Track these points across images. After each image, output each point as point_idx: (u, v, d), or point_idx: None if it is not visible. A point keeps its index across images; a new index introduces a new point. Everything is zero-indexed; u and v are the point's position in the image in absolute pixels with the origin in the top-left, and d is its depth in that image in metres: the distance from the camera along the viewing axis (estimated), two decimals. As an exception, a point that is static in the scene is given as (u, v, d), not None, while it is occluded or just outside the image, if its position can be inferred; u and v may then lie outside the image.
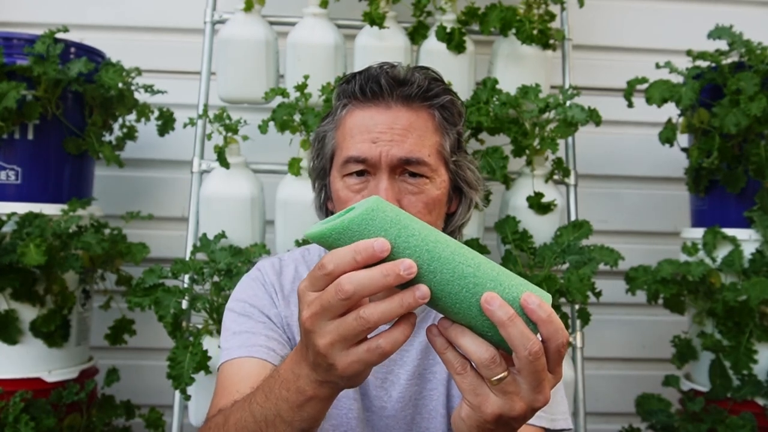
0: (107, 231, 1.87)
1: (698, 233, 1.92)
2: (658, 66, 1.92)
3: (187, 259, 1.81)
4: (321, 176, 1.12)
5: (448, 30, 1.89)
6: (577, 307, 1.80)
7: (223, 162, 1.81)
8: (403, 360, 1.08)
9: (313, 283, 0.67)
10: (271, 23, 1.96)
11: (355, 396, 1.07)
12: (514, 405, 0.68)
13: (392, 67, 1.05)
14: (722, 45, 1.91)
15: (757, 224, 1.83)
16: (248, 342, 1.04)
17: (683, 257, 1.93)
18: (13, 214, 1.73)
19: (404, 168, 1.00)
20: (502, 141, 1.85)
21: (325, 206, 1.14)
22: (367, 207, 0.67)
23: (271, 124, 1.78)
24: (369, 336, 0.68)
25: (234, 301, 1.11)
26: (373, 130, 1.00)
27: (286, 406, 0.75)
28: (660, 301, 1.90)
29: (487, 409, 0.68)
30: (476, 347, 0.67)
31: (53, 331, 1.77)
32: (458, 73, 1.90)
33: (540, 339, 0.67)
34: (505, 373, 0.67)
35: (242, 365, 1.02)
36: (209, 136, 1.86)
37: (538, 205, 1.81)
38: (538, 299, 0.66)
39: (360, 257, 0.65)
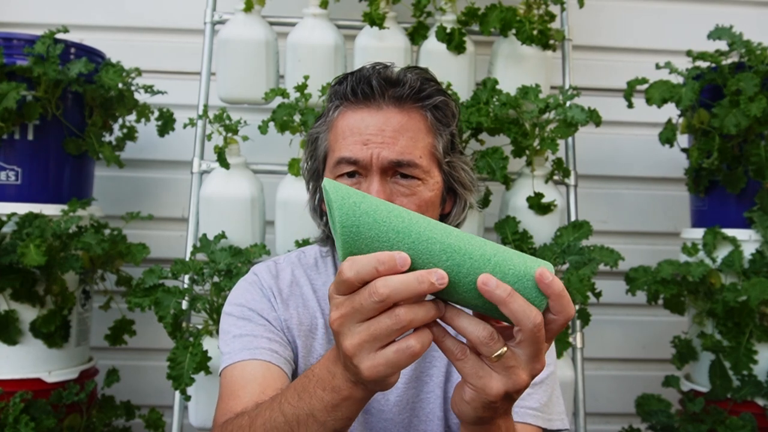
0: (107, 231, 1.87)
1: (698, 233, 1.92)
2: (658, 66, 1.92)
3: (187, 259, 1.81)
4: (315, 178, 1.12)
5: (448, 30, 1.89)
6: (577, 307, 1.80)
7: (223, 162, 1.81)
8: (399, 363, 1.08)
9: (338, 288, 0.68)
10: (271, 23, 1.96)
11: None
12: (517, 379, 0.69)
13: (385, 68, 1.04)
14: (722, 45, 1.91)
15: (757, 224, 1.83)
16: (250, 345, 1.03)
17: (683, 257, 1.93)
18: (13, 214, 1.73)
19: (396, 170, 1.00)
20: (502, 141, 1.85)
21: (320, 208, 1.14)
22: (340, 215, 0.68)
23: (271, 124, 1.78)
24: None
25: (232, 305, 1.11)
26: (365, 132, 1.00)
27: (320, 406, 0.74)
28: (660, 302, 1.90)
29: (492, 390, 0.69)
30: (473, 327, 0.68)
31: (53, 332, 1.77)
32: (458, 74, 1.90)
33: (546, 311, 0.69)
34: (505, 349, 0.68)
35: (246, 368, 1.01)
36: (209, 137, 1.87)
37: (538, 205, 1.81)
38: (551, 274, 0.68)
39: (382, 268, 0.65)
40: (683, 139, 2.04)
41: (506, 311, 0.66)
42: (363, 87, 1.01)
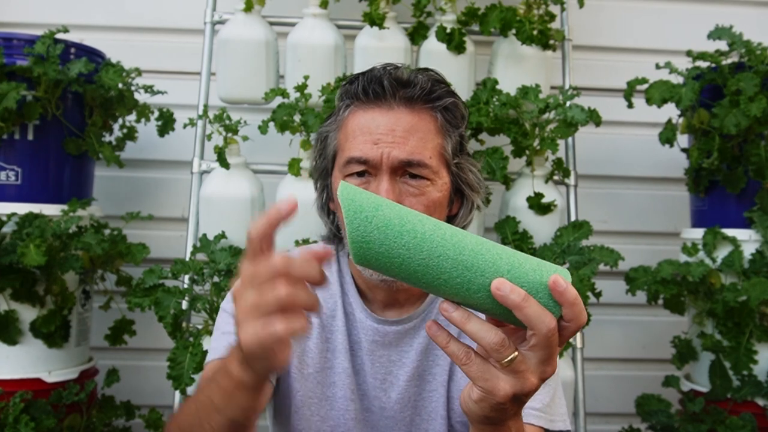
0: (107, 231, 1.87)
1: (698, 233, 1.92)
2: (658, 66, 1.92)
3: (187, 259, 1.81)
4: (323, 176, 1.12)
5: (448, 30, 1.89)
6: (577, 307, 1.80)
7: (223, 162, 1.81)
8: (401, 361, 1.08)
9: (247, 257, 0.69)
10: (271, 23, 1.96)
11: (352, 397, 1.07)
12: (526, 382, 0.69)
13: (396, 69, 1.05)
14: (722, 45, 1.91)
15: (757, 224, 1.83)
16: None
17: (683, 257, 1.93)
18: (13, 214, 1.73)
19: (405, 170, 1.00)
20: (502, 141, 1.85)
21: (327, 207, 1.14)
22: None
23: (271, 124, 1.78)
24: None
25: (227, 302, 1.12)
26: (375, 131, 1.00)
27: (219, 393, 0.75)
28: (660, 302, 1.90)
29: (499, 392, 0.69)
30: (485, 332, 0.68)
31: (53, 332, 1.77)
32: (458, 74, 1.90)
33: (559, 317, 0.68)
34: (516, 353, 0.68)
35: None
36: (209, 137, 1.87)
37: (538, 205, 1.82)
38: (566, 281, 0.68)
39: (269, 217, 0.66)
40: (683, 139, 2.04)
41: (520, 316, 0.66)
42: (374, 87, 1.02)
